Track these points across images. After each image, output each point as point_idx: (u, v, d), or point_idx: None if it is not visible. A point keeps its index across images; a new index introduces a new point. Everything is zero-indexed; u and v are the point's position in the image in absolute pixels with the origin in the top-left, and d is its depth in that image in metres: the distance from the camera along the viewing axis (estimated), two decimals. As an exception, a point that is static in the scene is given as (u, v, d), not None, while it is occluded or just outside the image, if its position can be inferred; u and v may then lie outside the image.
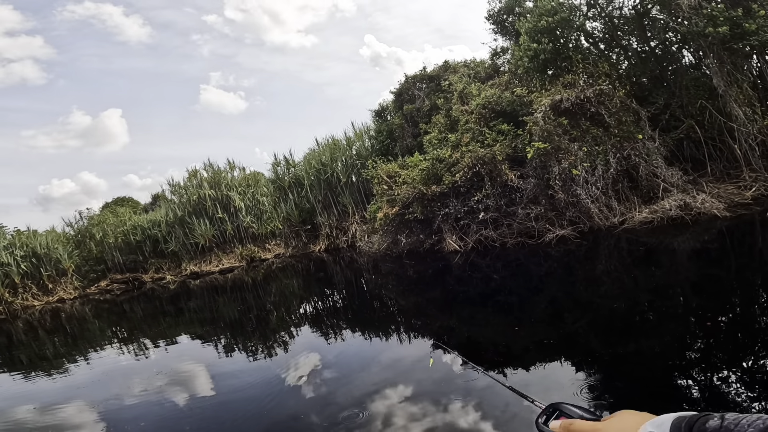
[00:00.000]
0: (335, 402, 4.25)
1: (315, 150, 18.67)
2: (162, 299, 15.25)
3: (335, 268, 15.01)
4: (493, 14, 14.96)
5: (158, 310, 13.64)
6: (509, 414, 3.40)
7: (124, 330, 11.31)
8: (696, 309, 5.09)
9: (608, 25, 10.99)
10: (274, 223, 18.67)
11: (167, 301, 14.69)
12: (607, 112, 8.90)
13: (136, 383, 6.08)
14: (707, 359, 3.75)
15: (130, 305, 15.35)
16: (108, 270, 20.19)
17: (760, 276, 5.71)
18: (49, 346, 10.49)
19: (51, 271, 18.97)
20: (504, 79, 13.13)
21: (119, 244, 20.02)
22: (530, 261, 9.20)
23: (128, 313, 14.14)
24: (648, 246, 7.92)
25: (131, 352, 8.44)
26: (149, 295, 16.48)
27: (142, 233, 20.17)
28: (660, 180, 8.07)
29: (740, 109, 7.59)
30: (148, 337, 9.62)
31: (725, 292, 5.40)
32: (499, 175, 10.28)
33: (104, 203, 28.74)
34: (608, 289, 6.66)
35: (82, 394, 6.07)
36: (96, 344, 9.82)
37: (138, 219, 21.18)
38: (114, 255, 20.08)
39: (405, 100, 16.67)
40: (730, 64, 7.76)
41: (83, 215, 22.00)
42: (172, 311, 12.90)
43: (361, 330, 7.11)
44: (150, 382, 6.01)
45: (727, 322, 4.49)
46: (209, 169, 19.67)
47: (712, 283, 5.75)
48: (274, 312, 10.12)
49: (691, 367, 3.65)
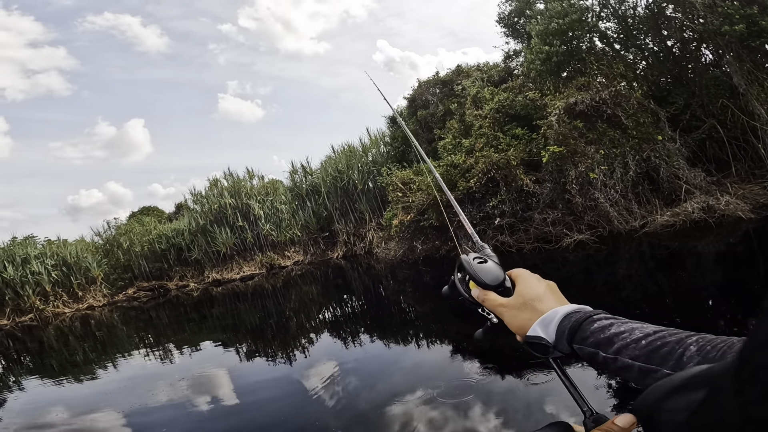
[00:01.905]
0: (358, 408, 4.30)
1: (331, 157, 18.92)
2: (186, 306, 15.68)
3: (353, 275, 15.15)
4: (504, 17, 14.90)
5: (183, 316, 14.00)
6: (533, 416, 3.43)
7: (151, 336, 11.68)
8: (724, 313, 4.98)
9: (622, 25, 10.81)
10: (292, 231, 18.98)
11: (191, 308, 15.08)
12: (624, 113, 8.76)
13: (162, 389, 6.26)
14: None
15: (156, 312, 15.79)
16: (135, 278, 20.84)
17: None
18: (79, 352, 10.93)
19: (81, 279, 19.70)
20: (517, 82, 13.05)
21: (145, 252, 20.65)
22: (548, 266, 9.09)
23: (154, 319, 14.55)
24: (671, 250, 7.73)
25: (158, 358, 8.70)
26: (174, 302, 16.93)
27: (166, 242, 20.75)
28: (682, 182, 7.88)
29: (762, 107, 7.36)
30: (173, 343, 9.92)
31: (754, 295, 5.25)
32: (514, 180, 10.22)
33: (131, 212, 29.80)
34: (630, 293, 6.55)
35: (110, 400, 6.28)
36: (124, 350, 10.18)
37: (162, 228, 21.84)
38: (140, 263, 20.73)
39: (419, 105, 16.72)
40: (749, 63, 7.54)
41: (111, 225, 22.94)
42: (196, 318, 13.25)
43: (380, 336, 7.19)
44: (175, 389, 6.18)
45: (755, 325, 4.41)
46: (229, 178, 20.18)
47: (740, 287, 5.59)
48: (294, 318, 10.30)
49: None
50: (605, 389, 3.68)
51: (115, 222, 23.09)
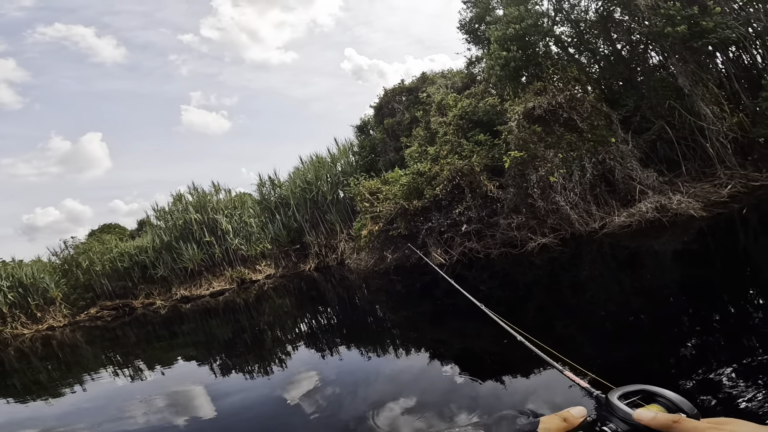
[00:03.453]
0: (341, 418, 4.23)
1: (300, 168, 18.63)
2: (154, 324, 15.27)
3: (326, 286, 14.95)
4: (465, 24, 15.05)
5: (151, 334, 13.64)
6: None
7: (119, 355, 11.29)
8: (686, 310, 5.02)
9: (576, 30, 11.08)
10: (262, 244, 18.57)
11: (160, 326, 14.68)
12: (579, 117, 8.91)
13: (136, 407, 6.04)
14: (700, 359, 3.69)
15: (122, 330, 15.42)
16: (97, 297, 20.37)
17: (745, 274, 5.65)
18: (42, 372, 10.57)
19: (39, 300, 19.33)
20: (479, 88, 13.17)
21: (107, 271, 20.21)
22: (515, 271, 9.12)
23: (121, 338, 14.18)
24: (630, 249, 7.86)
25: (128, 376, 8.42)
26: (141, 321, 16.51)
27: (129, 260, 20.34)
28: (636, 182, 8.05)
29: (708, 107, 7.61)
30: (143, 361, 9.62)
31: (712, 291, 5.33)
32: (478, 186, 10.24)
33: (90, 231, 28.63)
34: (594, 294, 6.60)
35: (83, 419, 6.08)
36: (91, 369, 9.82)
37: (124, 246, 21.35)
38: (102, 282, 20.23)
39: (385, 114, 16.69)
40: (693, 63, 7.80)
41: (68, 244, 22.26)
42: (165, 335, 12.91)
43: (357, 346, 7.08)
44: (150, 406, 5.96)
45: (719, 320, 4.45)
46: (194, 192, 19.59)
47: (698, 283, 5.70)
48: (269, 332, 10.05)
49: (685, 367, 3.61)
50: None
51: (72, 241, 22.26)
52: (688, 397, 0.65)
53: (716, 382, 3.16)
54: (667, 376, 3.47)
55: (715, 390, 3.05)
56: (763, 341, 3.65)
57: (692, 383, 3.27)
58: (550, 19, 11.33)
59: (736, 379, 3.11)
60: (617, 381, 1.02)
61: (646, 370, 3.63)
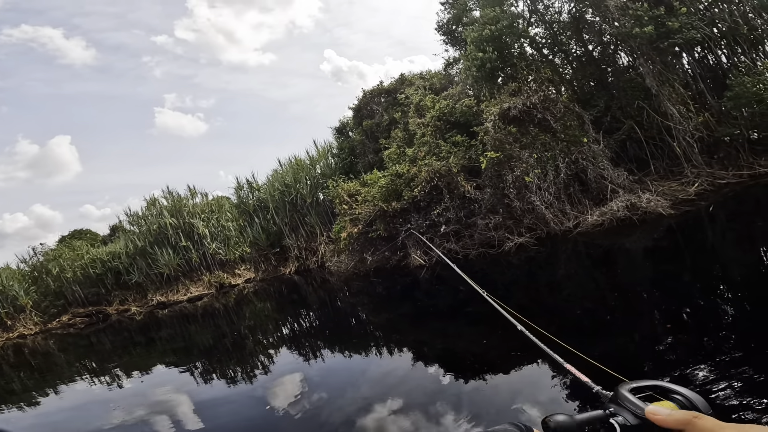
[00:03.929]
0: (329, 420, 4.18)
1: (278, 171, 18.37)
2: (130, 330, 14.95)
3: (308, 289, 14.79)
4: (443, 25, 15.12)
5: (128, 341, 13.35)
6: (502, 414, 3.45)
7: (94, 362, 10.99)
8: (658, 305, 5.12)
9: (550, 31, 11.25)
10: (241, 248, 18.24)
11: (136, 332, 14.37)
12: (553, 117, 9.03)
13: (116, 415, 5.87)
14: (672, 352, 3.75)
15: (96, 337, 15.09)
16: (69, 304, 19.87)
17: (712, 270, 5.80)
18: (15, 380, 10.27)
19: (9, 308, 18.88)
20: (457, 89, 13.23)
21: (78, 277, 19.70)
22: (494, 270, 9.17)
23: (95, 345, 13.88)
24: (603, 248, 8.01)
25: (106, 384, 8.18)
26: (116, 327, 16.15)
27: (102, 266, 19.85)
28: (608, 182, 8.20)
29: (674, 107, 7.81)
30: (121, 368, 9.36)
31: (682, 287, 5.44)
32: (456, 187, 10.27)
33: (60, 237, 27.68)
34: (571, 292, 6.69)
35: (60, 429, 5.93)
36: (66, 377, 9.57)
37: (96, 252, 20.82)
38: (74, 289, 19.72)
39: (364, 115, 16.60)
40: (660, 64, 8.00)
41: (37, 251, 21.61)
42: (142, 341, 12.62)
43: (341, 349, 7.03)
44: (130, 414, 5.80)
45: (689, 314, 4.54)
46: (169, 197, 19.08)
47: (669, 279, 5.82)
48: (250, 336, 9.88)
49: (658, 361, 3.66)
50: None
51: (42, 248, 21.50)
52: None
53: (688, 375, 3.22)
54: (643, 371, 3.53)
55: (688, 383, 3.10)
56: (730, 333, 3.76)
57: (667, 377, 3.31)
58: (525, 21, 11.48)
59: (707, 371, 3.18)
60: (598, 380, 1.01)
61: (624, 367, 3.67)
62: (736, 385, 2.93)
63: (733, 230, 7.34)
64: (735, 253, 6.23)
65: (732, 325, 4.05)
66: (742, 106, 8.28)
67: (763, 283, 4.77)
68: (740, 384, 2.94)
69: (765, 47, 9.42)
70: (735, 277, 5.36)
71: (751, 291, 4.70)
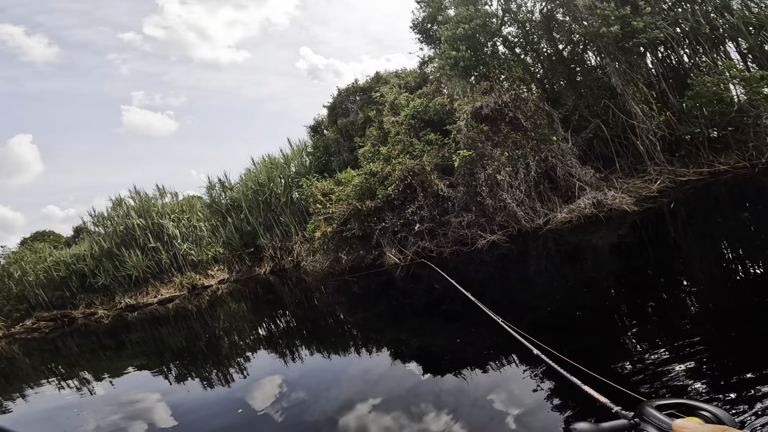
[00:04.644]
0: (310, 421, 4.10)
1: (252, 170, 17.98)
2: (98, 334, 14.54)
3: (283, 290, 14.56)
4: (418, 23, 15.10)
5: (96, 344, 12.98)
6: (483, 416, 3.40)
7: (62, 367, 10.60)
8: (624, 300, 5.22)
9: (522, 30, 11.39)
10: (214, 249, 17.80)
11: (105, 336, 13.97)
12: (524, 116, 9.14)
13: (88, 421, 5.62)
14: (640, 345, 3.82)
15: (63, 342, 14.65)
16: (32, 308, 19.24)
17: (675, 264, 5.93)
18: None
19: None
20: (431, 88, 13.24)
21: (41, 281, 19.05)
22: (467, 268, 9.23)
23: (62, 349, 13.46)
24: (572, 245, 8.16)
25: (75, 388, 7.89)
26: (83, 331, 15.68)
27: (66, 268, 19.19)
28: (575, 179, 8.36)
29: (638, 106, 8.03)
30: (90, 372, 9.10)
31: (647, 281, 5.56)
32: (429, 185, 10.27)
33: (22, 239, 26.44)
34: (542, 289, 6.77)
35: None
36: (32, 382, 9.24)
37: (60, 254, 20.10)
38: (37, 293, 19.06)
39: (339, 113, 16.44)
40: (625, 63, 8.20)
41: None
42: (112, 345, 12.21)
43: (319, 349, 6.94)
44: (104, 419, 5.58)
45: (654, 307, 4.62)
46: (136, 196, 18.40)
47: (634, 274, 5.99)
48: (225, 338, 9.64)
49: (628, 354, 3.70)
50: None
51: (2, 251, 20.54)
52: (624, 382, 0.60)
53: (656, 366, 3.31)
54: (613, 365, 3.58)
55: (656, 377, 3.17)
56: (693, 325, 3.86)
57: (635, 368, 3.40)
58: (499, 20, 11.58)
59: (672, 362, 3.27)
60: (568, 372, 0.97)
61: (596, 362, 3.72)
62: (696, 369, 3.08)
63: (694, 226, 7.60)
64: (696, 248, 6.45)
65: (691, 314, 4.19)
66: (702, 105, 8.58)
67: (721, 275, 4.94)
68: (699, 368, 3.09)
69: (726, 47, 9.80)
70: (695, 271, 5.54)
71: (709, 284, 4.87)
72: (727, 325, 3.68)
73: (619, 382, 3.08)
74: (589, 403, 1.79)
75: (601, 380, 2.24)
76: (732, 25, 8.98)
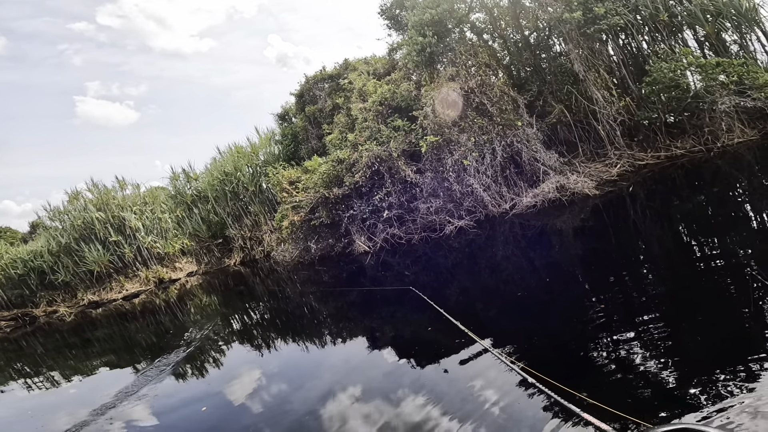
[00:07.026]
0: (291, 412, 4.04)
1: (217, 159, 17.39)
2: (62, 332, 14.06)
3: (254, 280, 14.31)
4: (386, 9, 14.81)
5: (61, 343, 12.59)
6: (458, 403, 3.38)
7: (27, 367, 10.21)
8: (590, 281, 5.34)
9: (489, 16, 11.36)
10: (181, 241, 17.21)
11: (69, 333, 13.51)
12: (490, 101, 9.14)
13: (61, 420, 5.43)
14: (605, 327, 3.86)
15: (26, 341, 14.19)
16: None
17: (634, 245, 6.10)
18: None
19: None
20: (399, 74, 13.07)
21: None
22: (437, 254, 9.24)
23: (25, 348, 13.00)
24: (537, 228, 8.29)
25: (44, 388, 7.66)
26: (46, 330, 15.14)
27: (23, 266, 18.27)
28: (540, 164, 8.46)
29: (599, 92, 8.18)
30: (58, 371, 8.86)
31: (609, 262, 5.69)
32: (397, 171, 10.18)
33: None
34: (511, 273, 6.88)
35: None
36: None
37: (17, 251, 19.08)
38: None
39: (307, 101, 16.05)
40: (587, 50, 8.31)
41: None
42: (77, 343, 11.90)
43: (294, 339, 6.87)
44: (77, 418, 5.32)
45: (617, 289, 4.70)
46: (94, 189, 17.50)
47: (597, 256, 6.16)
48: (197, 332, 9.32)
49: (596, 337, 3.73)
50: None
51: None
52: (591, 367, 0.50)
53: (620, 349, 3.36)
54: (580, 350, 3.62)
55: (623, 364, 3.20)
56: (655, 305, 3.94)
57: (602, 352, 3.45)
58: (467, 6, 11.49)
59: (636, 345, 3.33)
60: (538, 357, 0.90)
61: (564, 347, 3.78)
62: (660, 350, 3.16)
63: (652, 208, 7.84)
64: (654, 230, 6.64)
65: (652, 294, 4.30)
66: (659, 92, 8.82)
67: (679, 256, 5.08)
68: (662, 349, 3.17)
69: (683, 35, 10.08)
70: (654, 251, 5.70)
71: (669, 265, 5.00)
72: (685, 307, 3.74)
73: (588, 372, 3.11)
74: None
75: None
76: (690, 13, 9.23)
